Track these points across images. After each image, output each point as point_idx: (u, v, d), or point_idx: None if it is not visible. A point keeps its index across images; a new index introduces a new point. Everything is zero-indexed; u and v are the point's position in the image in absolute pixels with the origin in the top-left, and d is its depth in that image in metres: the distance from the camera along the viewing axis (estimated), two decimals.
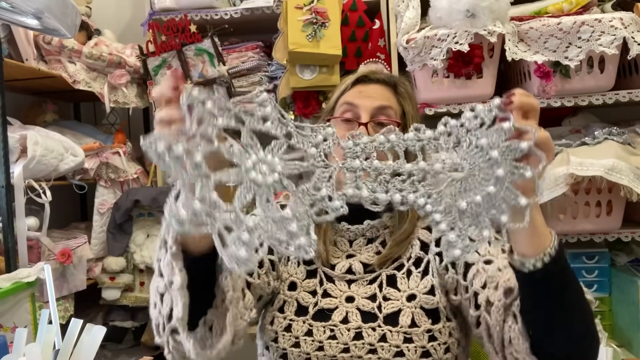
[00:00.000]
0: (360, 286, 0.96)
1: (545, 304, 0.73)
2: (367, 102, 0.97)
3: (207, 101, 0.58)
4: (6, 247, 1.42)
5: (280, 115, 0.62)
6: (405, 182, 0.63)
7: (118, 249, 1.86)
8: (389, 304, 0.93)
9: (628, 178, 1.51)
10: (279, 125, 0.62)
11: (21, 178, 1.46)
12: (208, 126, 0.58)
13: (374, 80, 1.02)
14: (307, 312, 0.95)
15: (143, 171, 2.02)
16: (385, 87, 1.01)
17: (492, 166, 0.60)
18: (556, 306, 0.72)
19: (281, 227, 0.60)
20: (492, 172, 0.60)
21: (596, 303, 1.80)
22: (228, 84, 1.86)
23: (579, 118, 1.90)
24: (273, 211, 0.60)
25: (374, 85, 1.01)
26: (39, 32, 1.47)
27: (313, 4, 1.75)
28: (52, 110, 2.00)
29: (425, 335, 0.90)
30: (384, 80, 1.02)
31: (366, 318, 0.92)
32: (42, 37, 1.73)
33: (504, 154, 0.59)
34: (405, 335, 0.90)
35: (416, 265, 0.96)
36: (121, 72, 1.88)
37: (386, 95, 1.00)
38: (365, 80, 1.02)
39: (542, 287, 0.71)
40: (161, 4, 1.91)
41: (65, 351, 0.83)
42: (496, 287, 0.81)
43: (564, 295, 0.73)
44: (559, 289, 0.72)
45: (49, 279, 0.90)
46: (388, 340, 0.90)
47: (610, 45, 1.59)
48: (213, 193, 0.59)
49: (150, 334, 1.93)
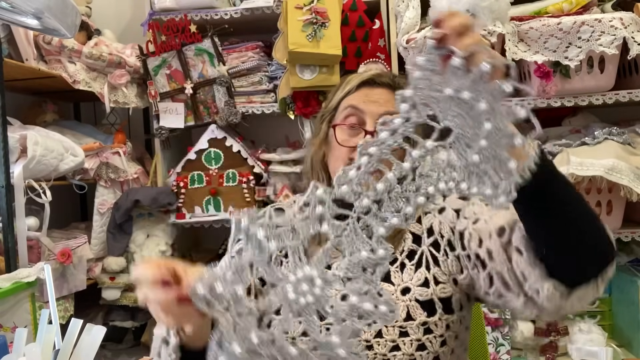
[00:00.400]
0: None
1: (546, 218, 0.70)
2: (373, 108, 0.96)
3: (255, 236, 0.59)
4: (6, 247, 1.42)
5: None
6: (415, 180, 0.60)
7: (118, 249, 1.86)
8: None
9: (628, 178, 1.51)
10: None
11: (21, 178, 1.46)
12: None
13: (380, 84, 1.00)
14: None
15: (143, 171, 2.02)
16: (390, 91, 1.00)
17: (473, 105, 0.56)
18: (559, 217, 0.70)
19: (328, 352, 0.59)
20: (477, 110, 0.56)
21: (596, 303, 1.81)
22: (228, 84, 1.86)
23: (579, 118, 1.90)
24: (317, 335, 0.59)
25: (379, 90, 0.99)
26: (39, 32, 1.47)
27: (313, 4, 1.75)
28: (52, 110, 2.00)
29: (420, 328, 0.89)
30: (389, 84, 1.01)
31: None
32: (42, 37, 1.73)
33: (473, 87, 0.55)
34: (401, 329, 0.90)
35: (409, 258, 0.95)
36: (121, 72, 1.88)
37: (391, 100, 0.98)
38: (370, 83, 1.00)
39: (536, 201, 0.68)
40: (161, 4, 1.91)
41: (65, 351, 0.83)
42: (490, 236, 0.81)
43: (563, 202, 0.70)
44: (554, 197, 0.69)
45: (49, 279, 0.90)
46: (384, 336, 0.90)
47: (610, 45, 1.59)
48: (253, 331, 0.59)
49: (150, 334, 1.93)
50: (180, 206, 1.90)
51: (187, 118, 1.92)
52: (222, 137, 1.88)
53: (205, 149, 1.89)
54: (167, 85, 1.91)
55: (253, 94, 1.92)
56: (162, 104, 1.92)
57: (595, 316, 1.79)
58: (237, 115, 1.86)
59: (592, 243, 0.72)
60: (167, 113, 1.92)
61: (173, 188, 1.90)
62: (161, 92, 1.92)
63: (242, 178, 1.86)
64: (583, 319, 1.77)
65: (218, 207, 1.88)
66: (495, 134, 0.55)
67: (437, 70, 0.57)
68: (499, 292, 0.81)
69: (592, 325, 1.73)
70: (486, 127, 0.55)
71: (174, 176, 1.91)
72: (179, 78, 1.90)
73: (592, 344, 1.67)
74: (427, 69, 0.57)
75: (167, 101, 1.92)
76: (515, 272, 0.76)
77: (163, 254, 1.89)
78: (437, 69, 0.57)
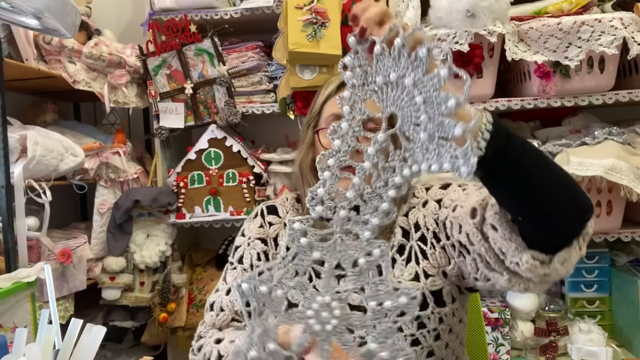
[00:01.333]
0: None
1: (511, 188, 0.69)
2: None
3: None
4: (6, 247, 1.42)
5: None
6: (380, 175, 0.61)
7: (118, 249, 1.86)
8: None
9: (628, 178, 1.51)
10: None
11: (21, 178, 1.46)
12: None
13: None
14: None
15: (143, 171, 2.02)
16: None
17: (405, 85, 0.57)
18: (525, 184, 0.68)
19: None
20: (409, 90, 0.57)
21: (596, 303, 1.81)
22: (228, 84, 1.86)
23: (579, 118, 1.90)
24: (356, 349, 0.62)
25: None
26: (39, 32, 1.46)
27: (313, 4, 1.75)
28: (52, 110, 2.00)
29: (413, 322, 0.89)
30: None
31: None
32: (42, 37, 1.73)
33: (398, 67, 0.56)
34: None
35: (400, 253, 0.96)
36: (121, 72, 1.88)
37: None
38: None
39: (500, 168, 0.66)
40: (161, 4, 1.91)
41: (65, 351, 0.83)
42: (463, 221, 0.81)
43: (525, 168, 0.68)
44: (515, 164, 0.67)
45: (49, 279, 0.90)
46: None
47: (610, 45, 1.59)
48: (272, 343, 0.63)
49: (150, 334, 1.93)
50: (180, 206, 1.90)
51: (187, 118, 1.92)
52: (222, 137, 1.88)
53: (205, 149, 1.89)
54: (167, 85, 1.91)
55: (253, 94, 1.92)
56: (162, 104, 1.92)
57: (595, 316, 1.79)
58: (237, 115, 1.86)
59: (565, 207, 0.71)
60: (167, 113, 1.92)
61: (173, 188, 1.90)
62: (161, 92, 1.92)
63: (242, 178, 1.86)
64: (583, 319, 1.77)
65: (218, 207, 1.88)
66: (430, 104, 0.55)
67: (366, 64, 0.58)
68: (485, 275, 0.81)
69: (592, 325, 1.73)
70: (417, 100, 0.55)
71: (174, 176, 1.91)
72: (179, 78, 1.90)
73: (592, 344, 1.67)
74: (356, 66, 0.58)
75: (167, 101, 1.92)
76: (494, 249, 0.76)
77: (163, 254, 1.89)
78: (366, 62, 0.58)
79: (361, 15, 0.60)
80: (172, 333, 1.92)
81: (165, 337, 1.94)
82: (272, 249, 1.03)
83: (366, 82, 0.59)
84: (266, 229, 1.06)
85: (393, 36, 0.57)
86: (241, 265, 1.03)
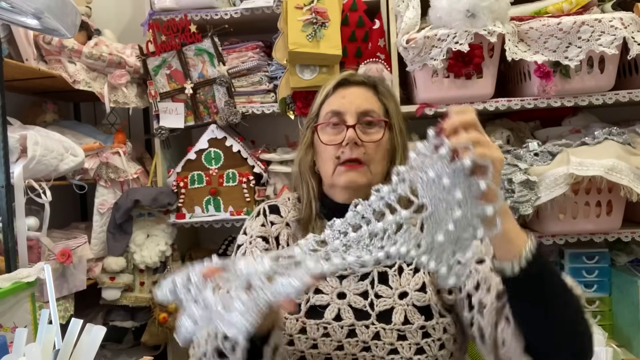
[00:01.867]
0: (352, 282, 0.97)
1: (531, 305, 0.74)
2: (351, 107, 1.00)
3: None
4: (6, 247, 1.42)
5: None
6: (383, 239, 0.67)
7: (118, 249, 1.86)
8: (382, 302, 0.93)
9: (628, 178, 1.51)
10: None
11: (21, 178, 1.46)
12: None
13: (354, 82, 1.04)
14: (299, 310, 0.96)
15: (143, 171, 2.02)
16: (365, 88, 1.04)
17: (450, 191, 0.62)
18: (543, 306, 0.73)
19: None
20: (452, 198, 0.62)
21: (596, 303, 1.81)
22: (228, 84, 1.86)
23: (579, 118, 1.90)
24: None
25: (354, 88, 1.03)
26: (39, 32, 1.46)
27: (313, 4, 1.75)
28: (52, 110, 2.00)
29: (419, 332, 0.90)
30: (364, 82, 1.05)
31: (359, 315, 0.93)
32: (42, 37, 1.73)
33: (453, 177, 0.62)
34: (399, 333, 0.90)
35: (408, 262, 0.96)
36: (121, 72, 1.88)
37: (368, 97, 1.03)
38: (345, 83, 1.04)
39: (525, 289, 0.72)
40: (161, 4, 1.91)
41: (65, 351, 0.83)
42: (489, 289, 0.82)
43: (549, 295, 0.73)
44: (542, 289, 0.73)
45: (49, 279, 0.90)
46: (382, 338, 0.90)
47: (610, 45, 1.59)
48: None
49: (150, 334, 1.93)
50: (180, 206, 1.90)
51: (187, 118, 1.92)
52: (222, 137, 1.88)
53: (205, 149, 1.89)
54: (167, 85, 1.91)
55: (253, 94, 1.92)
56: (162, 104, 1.92)
57: (595, 316, 1.79)
58: (237, 115, 1.86)
59: (571, 341, 0.75)
60: (167, 113, 1.92)
61: (173, 188, 1.90)
62: (161, 92, 1.92)
63: (242, 178, 1.86)
64: None
65: (218, 207, 1.88)
66: (462, 221, 0.62)
67: (429, 155, 0.64)
68: (473, 336, 0.85)
69: (592, 325, 1.73)
70: (456, 214, 0.62)
71: (174, 176, 1.91)
72: (179, 78, 1.90)
73: None
74: (421, 153, 0.64)
75: (167, 101, 1.92)
76: (497, 336, 0.79)
77: (163, 254, 1.89)
78: (429, 154, 0.64)
79: (451, 120, 0.65)
80: (172, 333, 1.92)
81: (165, 337, 1.94)
82: (274, 248, 1.04)
83: (419, 169, 0.64)
84: (268, 227, 1.06)
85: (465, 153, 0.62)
86: None
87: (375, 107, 1.02)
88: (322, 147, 1.01)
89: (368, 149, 0.98)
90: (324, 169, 1.01)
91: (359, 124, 0.98)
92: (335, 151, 0.98)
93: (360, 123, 0.98)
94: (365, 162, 0.98)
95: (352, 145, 0.97)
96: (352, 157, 0.97)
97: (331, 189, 1.03)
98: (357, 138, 0.97)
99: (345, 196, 1.00)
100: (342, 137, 0.98)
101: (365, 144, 0.98)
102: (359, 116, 0.99)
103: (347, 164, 0.97)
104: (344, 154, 0.97)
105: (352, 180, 0.97)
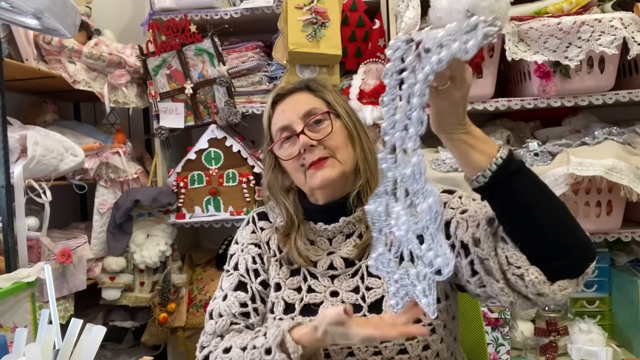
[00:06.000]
0: (343, 281, 0.99)
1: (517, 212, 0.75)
2: (293, 116, 1.02)
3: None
4: (6, 247, 1.42)
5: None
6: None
7: (118, 249, 1.86)
8: (372, 293, 0.96)
9: (628, 178, 1.51)
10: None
11: (21, 178, 1.46)
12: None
13: (287, 93, 1.07)
14: (294, 309, 0.98)
15: (143, 171, 2.02)
16: (299, 93, 1.06)
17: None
18: (532, 210, 0.74)
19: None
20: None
21: (596, 303, 1.81)
22: (228, 84, 1.86)
23: (579, 118, 1.90)
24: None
25: (289, 98, 1.06)
26: (39, 32, 1.46)
27: (313, 4, 1.75)
28: (52, 110, 2.00)
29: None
30: (296, 88, 1.07)
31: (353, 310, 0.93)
32: (42, 37, 1.73)
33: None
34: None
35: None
36: (121, 72, 1.88)
37: (304, 99, 1.05)
38: (280, 98, 1.07)
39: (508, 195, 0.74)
40: (161, 4, 1.91)
41: (65, 351, 0.83)
42: (478, 225, 0.82)
43: (536, 198, 0.75)
44: (524, 191, 0.74)
45: (49, 279, 0.90)
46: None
47: (610, 45, 1.59)
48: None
49: (150, 334, 1.93)
50: (180, 206, 1.90)
51: (187, 118, 1.92)
52: (222, 137, 1.88)
53: (205, 149, 1.89)
54: (167, 85, 1.91)
55: (253, 94, 1.92)
56: (162, 104, 1.92)
57: (595, 316, 1.79)
58: (237, 115, 1.86)
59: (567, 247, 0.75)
60: (167, 113, 1.92)
61: (173, 188, 1.90)
62: (161, 92, 1.92)
63: (242, 178, 1.86)
64: (583, 319, 1.77)
65: (218, 207, 1.88)
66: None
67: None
68: (480, 279, 0.82)
69: (592, 325, 1.73)
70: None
71: (174, 176, 1.91)
72: (179, 78, 1.90)
73: (592, 344, 1.67)
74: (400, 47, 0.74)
75: (167, 101, 1.92)
76: (500, 259, 0.78)
77: (163, 254, 1.89)
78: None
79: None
80: (172, 333, 1.92)
81: (165, 337, 1.94)
82: (267, 252, 1.06)
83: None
84: (258, 234, 1.09)
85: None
86: (237, 272, 1.05)
87: (316, 104, 1.03)
88: (286, 164, 1.04)
89: (326, 144, 1.00)
90: (298, 181, 1.04)
91: (307, 126, 1.00)
92: (298, 161, 1.01)
93: (308, 125, 1.00)
94: (329, 155, 0.99)
95: (309, 148, 0.99)
96: (315, 159, 0.98)
97: (312, 195, 1.05)
98: (311, 140, 0.99)
99: (326, 195, 1.02)
100: (298, 146, 1.00)
101: (321, 141, 0.99)
102: (303, 120, 1.01)
103: (313, 165, 0.98)
104: (306, 159, 0.99)
105: (325, 177, 0.98)
